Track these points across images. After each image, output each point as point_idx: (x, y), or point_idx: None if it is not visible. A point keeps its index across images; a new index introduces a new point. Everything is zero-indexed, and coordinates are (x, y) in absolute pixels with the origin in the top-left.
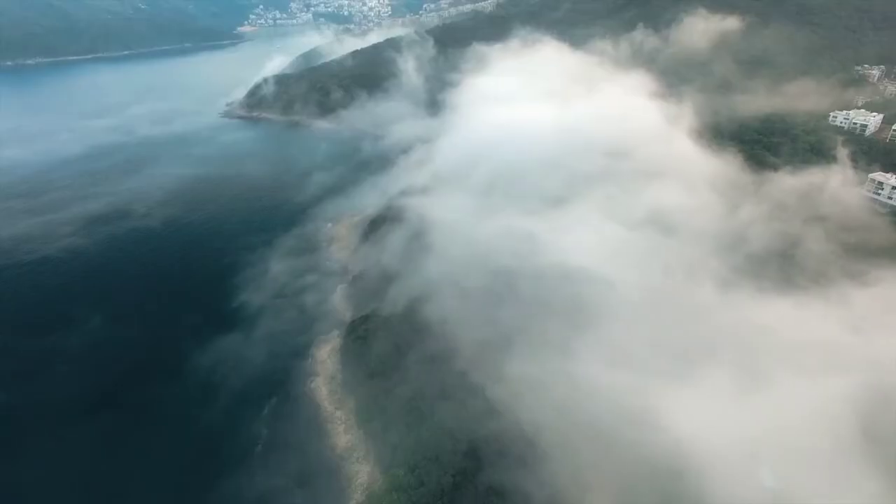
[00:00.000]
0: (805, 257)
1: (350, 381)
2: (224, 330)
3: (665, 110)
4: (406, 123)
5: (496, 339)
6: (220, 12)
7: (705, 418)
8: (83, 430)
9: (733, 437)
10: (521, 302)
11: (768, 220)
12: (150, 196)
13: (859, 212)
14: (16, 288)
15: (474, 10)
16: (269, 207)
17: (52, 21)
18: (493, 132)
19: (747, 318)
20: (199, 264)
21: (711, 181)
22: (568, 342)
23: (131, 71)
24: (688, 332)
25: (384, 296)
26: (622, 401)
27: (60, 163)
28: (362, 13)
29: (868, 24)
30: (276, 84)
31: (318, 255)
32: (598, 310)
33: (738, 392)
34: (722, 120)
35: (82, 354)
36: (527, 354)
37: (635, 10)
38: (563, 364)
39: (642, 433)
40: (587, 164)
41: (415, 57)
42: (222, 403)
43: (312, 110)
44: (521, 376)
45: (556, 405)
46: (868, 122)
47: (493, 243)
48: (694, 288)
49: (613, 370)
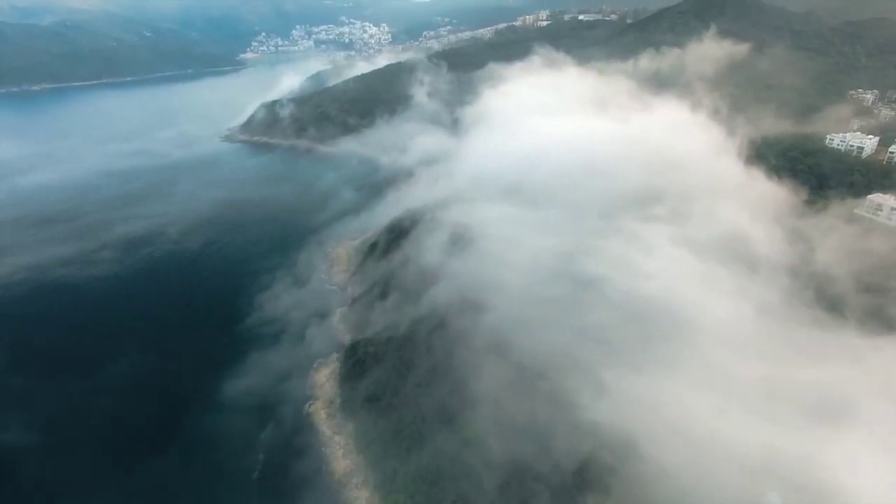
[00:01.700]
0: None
1: (348, 405)
2: (224, 355)
3: (693, 129)
4: (412, 146)
5: (506, 363)
6: (223, 39)
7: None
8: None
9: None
10: (561, 327)
11: (829, 249)
12: (164, 222)
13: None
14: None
15: (473, 38)
16: (273, 231)
17: (58, 48)
18: (507, 151)
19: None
20: (205, 290)
21: (761, 202)
22: (625, 374)
23: (137, 96)
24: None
25: (383, 318)
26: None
27: (92, 187)
28: (363, 40)
29: (861, 50)
30: (278, 108)
31: (317, 278)
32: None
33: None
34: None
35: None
36: (567, 383)
37: (633, 36)
38: (629, 401)
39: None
40: (621, 184)
41: (420, 80)
42: (218, 429)
43: (315, 134)
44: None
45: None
46: (864, 145)
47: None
48: (783, 321)
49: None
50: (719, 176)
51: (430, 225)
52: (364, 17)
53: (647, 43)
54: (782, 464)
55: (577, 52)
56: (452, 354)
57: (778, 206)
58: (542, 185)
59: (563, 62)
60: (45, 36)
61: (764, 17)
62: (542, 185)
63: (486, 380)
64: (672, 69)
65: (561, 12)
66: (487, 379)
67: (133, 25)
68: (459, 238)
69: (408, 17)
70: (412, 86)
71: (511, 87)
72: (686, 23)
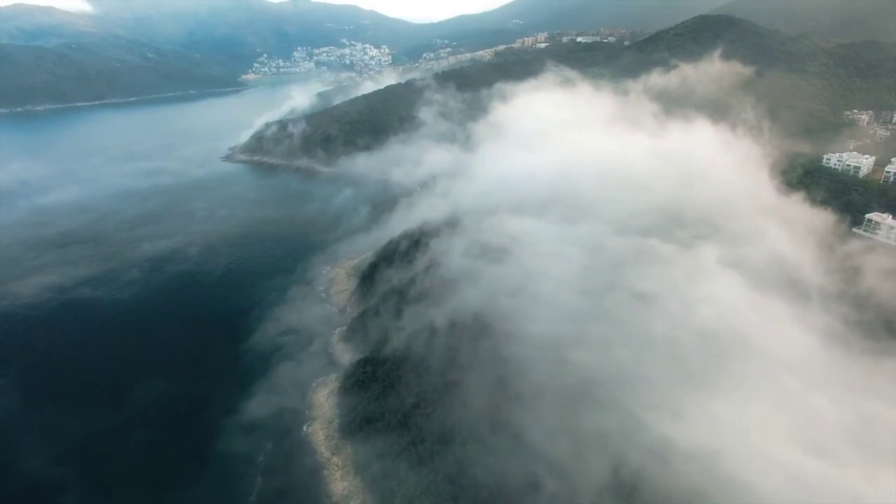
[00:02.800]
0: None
1: (347, 426)
2: (222, 378)
3: (716, 147)
4: (416, 165)
5: (502, 384)
6: (226, 60)
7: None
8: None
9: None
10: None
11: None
12: (177, 243)
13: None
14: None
15: (473, 59)
16: (276, 252)
17: (63, 69)
18: (515, 167)
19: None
20: (209, 312)
21: (794, 222)
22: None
23: (141, 117)
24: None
25: (382, 338)
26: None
27: (115, 208)
28: (363, 62)
29: (854, 72)
30: (279, 128)
31: (317, 297)
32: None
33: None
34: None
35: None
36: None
37: (631, 57)
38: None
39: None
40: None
41: (426, 98)
42: (216, 452)
43: (319, 154)
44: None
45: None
46: (861, 164)
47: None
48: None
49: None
50: (748, 194)
51: (429, 243)
52: (365, 38)
53: (646, 64)
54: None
55: (579, 72)
56: (453, 374)
57: (813, 226)
58: (550, 201)
59: (570, 80)
60: (51, 57)
61: (759, 39)
62: (551, 201)
63: (487, 398)
64: (674, 89)
65: (559, 34)
66: (488, 397)
67: (137, 47)
68: (458, 256)
69: (407, 39)
70: (417, 105)
71: (519, 105)
72: (682, 45)
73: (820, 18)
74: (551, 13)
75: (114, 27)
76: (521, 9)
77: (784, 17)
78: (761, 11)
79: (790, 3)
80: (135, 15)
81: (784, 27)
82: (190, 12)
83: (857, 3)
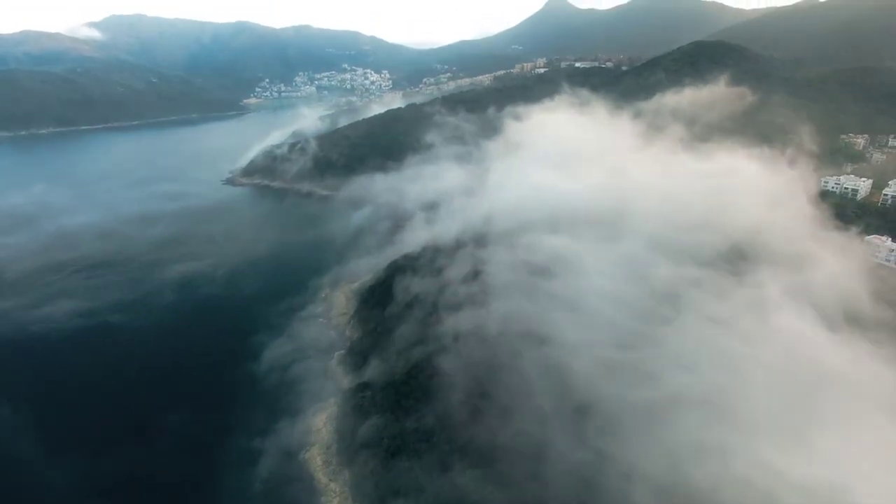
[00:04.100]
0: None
1: (345, 451)
2: (221, 400)
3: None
4: (420, 188)
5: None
6: (228, 85)
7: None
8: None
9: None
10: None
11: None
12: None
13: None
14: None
15: (472, 84)
16: (276, 275)
17: (68, 94)
18: (523, 189)
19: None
20: (211, 337)
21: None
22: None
23: (144, 140)
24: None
25: (381, 362)
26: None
27: (133, 233)
28: (364, 86)
29: (849, 97)
30: (281, 152)
31: (317, 320)
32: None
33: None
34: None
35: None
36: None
37: (630, 81)
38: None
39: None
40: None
41: (430, 122)
42: (212, 475)
43: (319, 177)
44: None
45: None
46: (859, 187)
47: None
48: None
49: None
50: (784, 219)
51: (429, 266)
52: (366, 64)
53: (644, 88)
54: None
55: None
56: (454, 400)
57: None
58: (557, 221)
59: (575, 103)
60: (56, 82)
61: (755, 65)
62: (558, 221)
63: (484, 424)
64: (673, 113)
65: (558, 59)
66: (485, 423)
67: (141, 72)
68: (457, 281)
69: (408, 64)
70: (422, 127)
71: (524, 126)
72: (679, 70)
73: (813, 45)
74: (549, 39)
75: (119, 52)
76: (519, 35)
77: (778, 45)
78: (755, 38)
79: (784, 30)
80: (140, 40)
81: (779, 53)
82: (194, 37)
83: (850, 31)
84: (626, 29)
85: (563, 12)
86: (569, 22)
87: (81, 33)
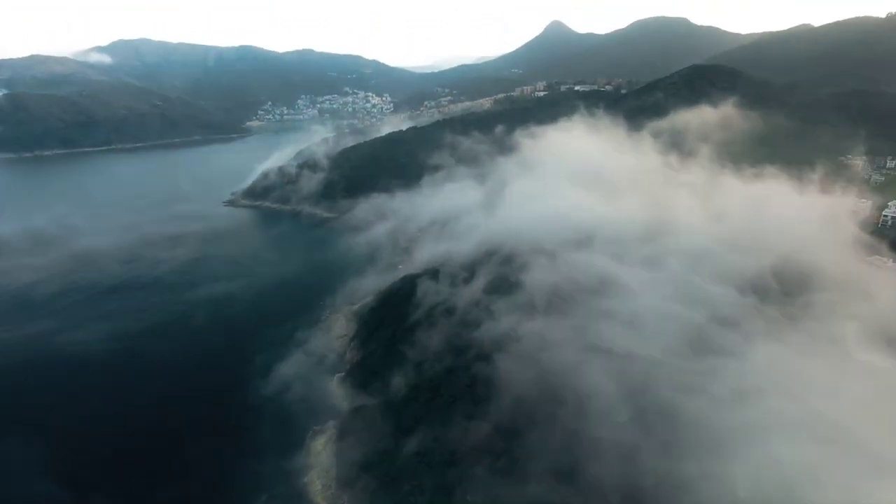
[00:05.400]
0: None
1: (345, 475)
2: (217, 425)
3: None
4: (425, 209)
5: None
6: (231, 107)
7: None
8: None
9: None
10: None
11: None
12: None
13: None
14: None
15: (472, 107)
16: (278, 298)
17: (73, 116)
18: (532, 211)
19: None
20: (213, 357)
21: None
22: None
23: (146, 162)
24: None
25: (381, 384)
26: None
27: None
28: (365, 109)
29: (846, 118)
30: (281, 173)
31: (317, 342)
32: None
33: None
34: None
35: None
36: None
37: (631, 104)
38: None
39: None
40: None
41: (434, 143)
42: (211, 500)
43: (320, 200)
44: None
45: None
46: (858, 209)
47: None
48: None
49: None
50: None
51: (429, 288)
52: (367, 87)
53: (643, 111)
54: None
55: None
56: (452, 421)
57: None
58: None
59: (577, 125)
60: (62, 105)
61: (752, 88)
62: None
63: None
64: (674, 135)
65: (557, 83)
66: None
67: (145, 95)
68: (458, 301)
69: (409, 87)
70: (427, 148)
71: (526, 147)
72: (678, 93)
73: (808, 69)
74: (549, 63)
75: (124, 75)
76: (519, 58)
77: (773, 69)
78: (751, 62)
79: (779, 54)
80: (145, 63)
81: (774, 77)
82: (198, 61)
83: (843, 56)
84: (624, 53)
85: (562, 36)
86: (568, 46)
87: (89, 58)
